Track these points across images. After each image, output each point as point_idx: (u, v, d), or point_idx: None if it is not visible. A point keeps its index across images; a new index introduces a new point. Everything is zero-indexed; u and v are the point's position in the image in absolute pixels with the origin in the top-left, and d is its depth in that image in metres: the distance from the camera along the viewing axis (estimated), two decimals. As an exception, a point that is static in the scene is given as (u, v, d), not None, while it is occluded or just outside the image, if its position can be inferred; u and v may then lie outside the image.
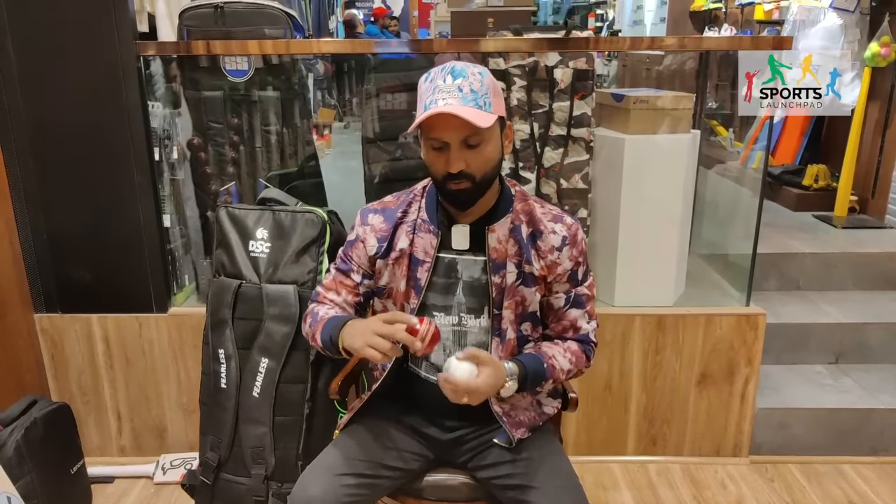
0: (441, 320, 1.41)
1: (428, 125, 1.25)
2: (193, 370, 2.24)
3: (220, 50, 2.10)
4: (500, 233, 1.38)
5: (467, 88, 1.24)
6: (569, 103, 2.23)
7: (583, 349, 1.44)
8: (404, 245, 1.40)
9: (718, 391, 2.32)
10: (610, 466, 2.36)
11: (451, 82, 1.24)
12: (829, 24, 3.52)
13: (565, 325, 1.44)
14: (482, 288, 1.39)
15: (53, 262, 2.19)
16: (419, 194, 1.45)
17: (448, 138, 1.25)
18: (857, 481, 2.28)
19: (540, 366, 1.35)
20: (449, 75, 1.25)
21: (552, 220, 1.41)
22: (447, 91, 1.23)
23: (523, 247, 1.38)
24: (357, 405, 1.49)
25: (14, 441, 1.83)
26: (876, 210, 3.42)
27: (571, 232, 1.40)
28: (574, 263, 1.40)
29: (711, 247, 2.85)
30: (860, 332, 2.63)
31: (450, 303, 1.41)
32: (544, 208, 1.43)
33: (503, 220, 1.38)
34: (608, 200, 2.32)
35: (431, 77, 1.28)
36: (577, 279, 1.42)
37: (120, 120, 2.07)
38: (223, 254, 1.91)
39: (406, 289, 1.41)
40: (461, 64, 1.28)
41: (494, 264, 1.37)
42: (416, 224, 1.41)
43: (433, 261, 1.39)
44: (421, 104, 1.28)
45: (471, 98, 1.23)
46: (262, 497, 1.84)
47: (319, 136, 4.81)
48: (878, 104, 3.39)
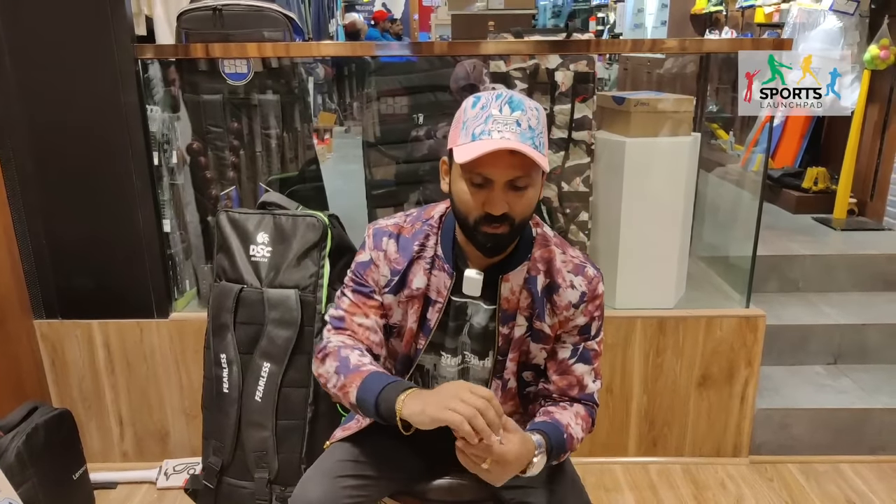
0: (446, 361, 1.37)
1: (474, 158, 1.11)
2: (195, 375, 2.24)
3: (219, 53, 2.10)
4: (514, 283, 1.29)
5: (525, 124, 1.12)
6: (570, 106, 2.24)
7: (589, 413, 1.35)
8: (421, 284, 1.31)
9: (719, 392, 2.32)
10: (611, 468, 2.37)
11: (510, 114, 1.12)
12: (828, 26, 3.53)
13: (571, 381, 1.33)
14: (489, 335, 1.33)
15: (53, 268, 2.19)
16: (435, 225, 1.33)
17: (495, 176, 1.13)
18: (855, 481, 2.28)
19: (561, 436, 1.25)
20: (506, 105, 1.13)
21: (572, 271, 1.30)
22: (504, 123, 1.11)
23: (536, 301, 1.29)
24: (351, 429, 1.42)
25: (15, 447, 1.82)
26: (875, 212, 3.43)
27: (591, 287, 1.30)
28: (589, 318, 1.31)
29: (712, 249, 2.85)
30: (859, 334, 2.64)
31: (455, 344, 1.36)
32: (566, 255, 1.31)
33: (519, 268, 1.29)
34: (609, 203, 2.32)
35: (483, 103, 1.15)
36: (588, 333, 1.33)
37: (118, 124, 2.06)
38: (224, 258, 1.92)
39: (416, 328, 1.34)
40: (518, 95, 1.17)
41: (504, 315, 1.30)
42: (433, 261, 1.31)
43: (445, 302, 1.31)
44: (467, 132, 1.14)
45: (528, 135, 1.12)
46: (265, 501, 1.84)
47: (320, 141, 4.81)
48: (878, 107, 3.40)
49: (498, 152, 1.10)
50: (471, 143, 1.12)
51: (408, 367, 1.38)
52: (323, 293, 1.85)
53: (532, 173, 1.15)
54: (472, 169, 1.13)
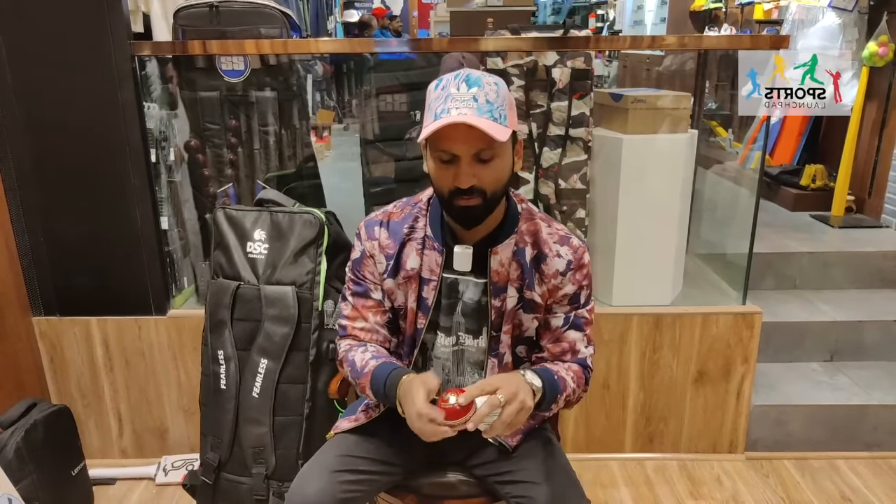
0: (441, 341, 1.40)
1: (437, 136, 1.17)
2: (193, 372, 2.25)
3: (217, 50, 2.10)
4: (503, 255, 1.33)
5: (483, 98, 1.16)
6: (567, 103, 2.24)
7: (583, 371, 1.37)
8: (415, 264, 1.35)
9: (715, 389, 2.33)
10: (608, 464, 2.37)
11: (466, 91, 1.16)
12: (827, 23, 3.53)
13: (564, 347, 1.37)
14: (482, 310, 1.36)
15: (51, 265, 2.20)
16: (424, 207, 1.38)
17: (459, 151, 1.18)
18: (850, 476, 2.29)
19: (552, 376, 1.29)
20: (463, 83, 1.17)
21: (558, 241, 1.34)
22: (461, 100, 1.15)
23: (526, 271, 1.33)
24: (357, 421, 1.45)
25: (14, 443, 1.83)
26: (872, 210, 3.43)
27: (577, 255, 1.34)
28: (577, 287, 1.35)
29: (709, 246, 2.86)
30: (855, 330, 2.64)
31: (449, 323, 1.38)
32: (551, 228, 1.36)
33: (507, 241, 1.33)
34: (606, 200, 2.33)
35: (443, 84, 1.20)
36: (578, 302, 1.36)
37: (115, 121, 2.07)
38: (221, 255, 1.92)
39: (415, 308, 1.37)
40: (476, 72, 1.21)
41: (495, 287, 1.33)
42: (424, 241, 1.35)
43: (439, 280, 1.35)
44: (430, 112, 1.19)
45: (486, 109, 1.16)
46: (263, 496, 1.85)
47: (319, 138, 4.81)
48: (876, 104, 3.40)
49: (458, 128, 1.15)
50: (433, 122, 1.17)
51: (413, 348, 1.41)
52: (320, 290, 1.85)
53: (495, 145, 1.18)
54: (437, 146, 1.19)
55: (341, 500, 1.29)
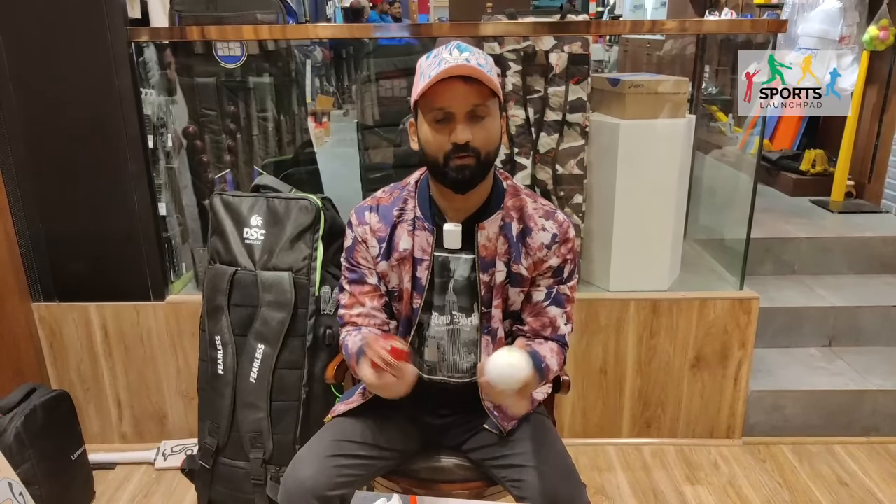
0: (436, 320, 1.40)
1: (433, 94, 1.22)
2: (192, 357, 2.26)
3: (215, 35, 2.09)
4: (490, 230, 1.35)
5: (475, 61, 1.21)
6: (564, 88, 2.23)
7: (562, 350, 1.41)
8: (407, 245, 1.37)
9: (712, 374, 2.34)
10: (605, 449, 2.39)
11: (459, 55, 1.21)
12: (828, 6, 3.50)
13: (544, 321, 1.39)
14: (471, 286, 1.37)
15: (49, 251, 2.21)
16: (412, 189, 1.40)
17: (454, 108, 1.22)
18: (847, 461, 2.30)
19: (540, 364, 1.29)
20: (455, 49, 1.23)
21: (544, 216, 1.37)
22: (455, 62, 1.20)
23: (513, 245, 1.36)
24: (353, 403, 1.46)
25: (14, 428, 1.85)
26: (872, 194, 3.42)
27: (563, 230, 1.37)
28: (562, 260, 1.37)
29: (707, 231, 2.85)
30: (854, 316, 2.65)
31: (443, 302, 1.40)
32: (536, 203, 1.39)
33: (493, 216, 1.35)
34: (604, 186, 2.32)
35: (435, 53, 1.25)
36: (561, 276, 1.39)
37: (113, 107, 2.06)
38: (218, 241, 1.92)
39: (410, 288, 1.39)
40: (466, 43, 1.26)
41: (483, 262, 1.35)
42: (414, 222, 1.37)
43: (431, 259, 1.37)
44: (424, 77, 1.23)
45: (478, 67, 1.22)
46: (260, 480, 1.87)
47: (318, 124, 4.80)
48: (876, 88, 3.38)
49: (453, 85, 1.20)
50: (429, 78, 1.21)
51: (409, 329, 1.42)
52: (316, 275, 1.86)
53: (488, 102, 1.24)
54: (433, 105, 1.23)
55: (336, 483, 1.30)
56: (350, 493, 1.32)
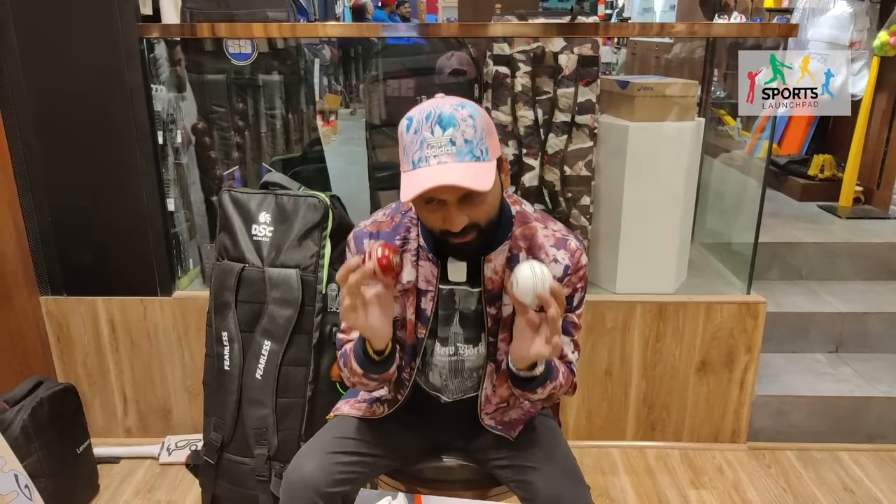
0: (439, 350, 1.37)
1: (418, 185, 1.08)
2: (198, 353, 2.27)
3: (225, 33, 2.10)
4: (497, 263, 1.28)
5: (460, 139, 1.07)
6: (573, 90, 2.23)
7: (570, 373, 1.34)
8: (411, 276, 1.30)
9: (718, 378, 2.33)
10: (609, 451, 2.38)
11: (441, 134, 1.07)
12: (838, 11, 3.49)
13: None
14: (478, 319, 1.32)
15: (58, 245, 2.21)
16: (414, 217, 1.32)
17: (445, 197, 1.10)
18: (852, 468, 2.29)
19: (550, 362, 1.25)
20: (437, 126, 1.07)
21: (555, 245, 1.29)
22: (438, 146, 1.07)
23: None
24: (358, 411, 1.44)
25: (21, 420, 1.86)
26: (881, 201, 3.41)
27: (575, 259, 1.29)
28: (572, 290, 1.30)
29: (714, 235, 2.85)
30: (861, 322, 2.64)
31: (447, 334, 1.36)
32: (547, 230, 1.31)
33: (501, 248, 1.28)
34: (612, 188, 2.32)
35: (415, 127, 1.09)
36: (570, 304, 1.32)
37: (123, 102, 2.07)
38: (226, 237, 1.93)
39: (415, 319, 1.34)
40: (447, 108, 1.09)
41: (490, 295, 1.29)
42: (418, 252, 1.30)
43: (436, 291, 1.31)
44: (407, 159, 1.10)
45: (466, 150, 1.08)
46: (264, 477, 1.87)
47: (325, 123, 4.80)
48: (886, 94, 3.37)
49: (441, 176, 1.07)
50: (412, 171, 1.09)
51: (413, 357, 1.38)
52: (324, 273, 1.86)
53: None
54: (421, 194, 1.08)
55: (337, 480, 1.29)
56: (352, 491, 1.32)
